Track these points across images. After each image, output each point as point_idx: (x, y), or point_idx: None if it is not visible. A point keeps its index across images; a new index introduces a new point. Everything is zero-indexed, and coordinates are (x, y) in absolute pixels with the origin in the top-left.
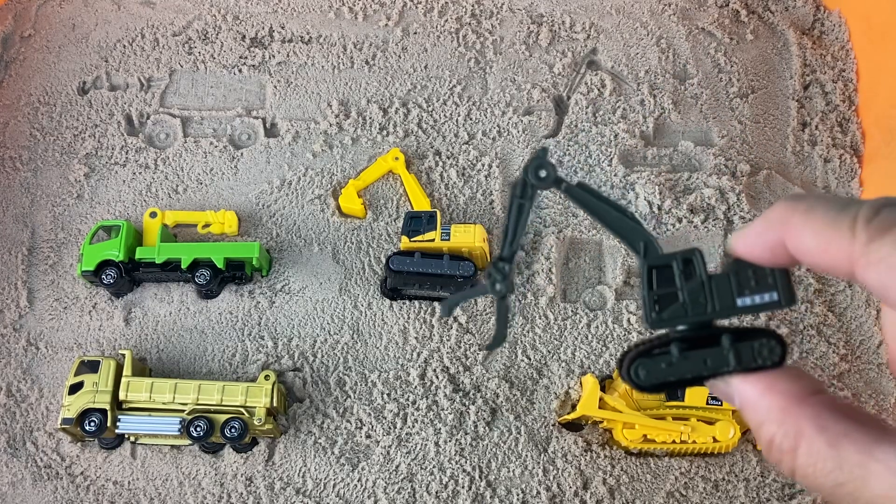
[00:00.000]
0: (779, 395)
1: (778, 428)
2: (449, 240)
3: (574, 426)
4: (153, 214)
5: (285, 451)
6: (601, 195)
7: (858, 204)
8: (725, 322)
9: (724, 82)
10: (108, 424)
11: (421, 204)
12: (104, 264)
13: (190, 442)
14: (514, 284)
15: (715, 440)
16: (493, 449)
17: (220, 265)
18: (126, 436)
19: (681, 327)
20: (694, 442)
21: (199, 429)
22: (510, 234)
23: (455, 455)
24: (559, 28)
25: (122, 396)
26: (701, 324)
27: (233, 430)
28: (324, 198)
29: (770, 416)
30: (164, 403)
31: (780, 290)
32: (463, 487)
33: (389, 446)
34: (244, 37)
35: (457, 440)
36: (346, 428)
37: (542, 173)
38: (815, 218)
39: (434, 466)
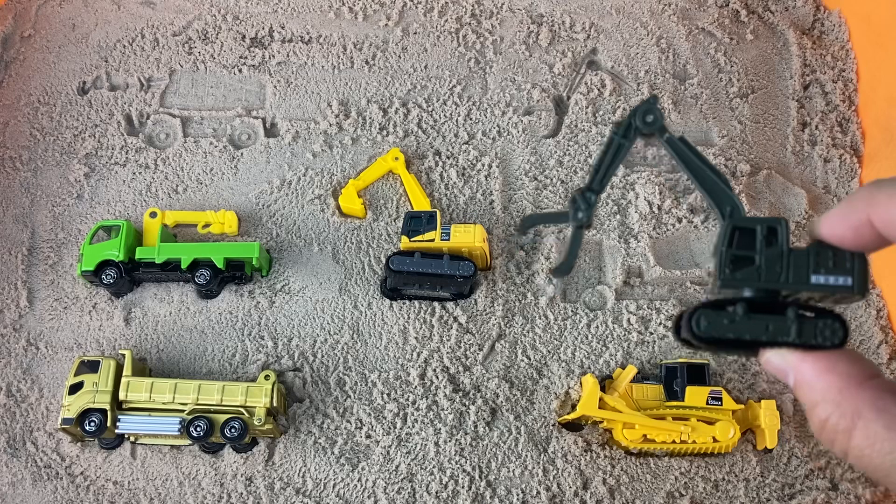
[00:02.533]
0: (837, 376)
1: (835, 409)
2: (449, 240)
3: (574, 426)
4: (153, 214)
5: (285, 451)
6: (699, 153)
7: None
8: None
9: (724, 82)
10: (108, 424)
11: (421, 204)
12: (104, 264)
13: (190, 442)
14: (593, 219)
15: (715, 440)
16: (493, 449)
17: (220, 265)
18: (126, 436)
19: (748, 292)
20: (694, 442)
21: (199, 429)
22: (603, 170)
23: (455, 455)
24: (559, 28)
25: (122, 396)
26: (770, 291)
27: (233, 430)
28: (324, 198)
29: (827, 397)
30: (164, 403)
31: (854, 276)
32: (463, 487)
33: (389, 446)
34: (244, 37)
35: (457, 440)
36: (346, 428)
37: (650, 118)
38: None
39: (434, 466)
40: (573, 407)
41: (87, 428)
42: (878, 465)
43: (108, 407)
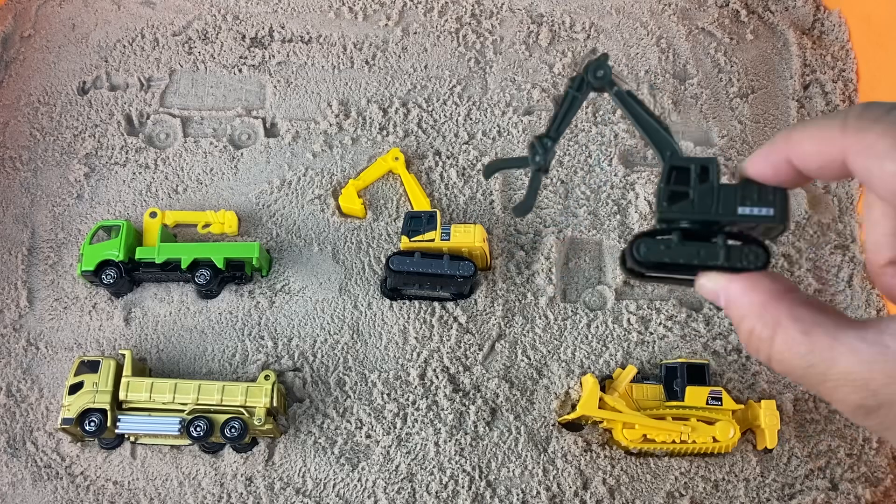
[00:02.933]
0: (760, 293)
1: (758, 320)
2: (449, 240)
3: (574, 426)
4: (153, 214)
5: (285, 451)
6: (645, 105)
7: (848, 108)
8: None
9: (724, 82)
10: (108, 424)
11: (421, 204)
12: (104, 264)
13: (190, 442)
14: (550, 164)
15: (715, 440)
16: (493, 449)
17: (220, 265)
18: (126, 436)
19: (685, 223)
20: (694, 442)
21: (199, 429)
22: (558, 119)
23: (455, 455)
24: (559, 28)
25: (122, 396)
26: (703, 222)
27: (233, 430)
28: (324, 198)
29: (751, 311)
30: (164, 403)
31: (776, 207)
32: (463, 487)
33: (389, 446)
34: (244, 37)
35: (457, 440)
36: (345, 428)
37: (600, 73)
38: (812, 126)
39: (434, 466)
40: (573, 407)
41: (87, 428)
42: (796, 366)
43: (108, 407)
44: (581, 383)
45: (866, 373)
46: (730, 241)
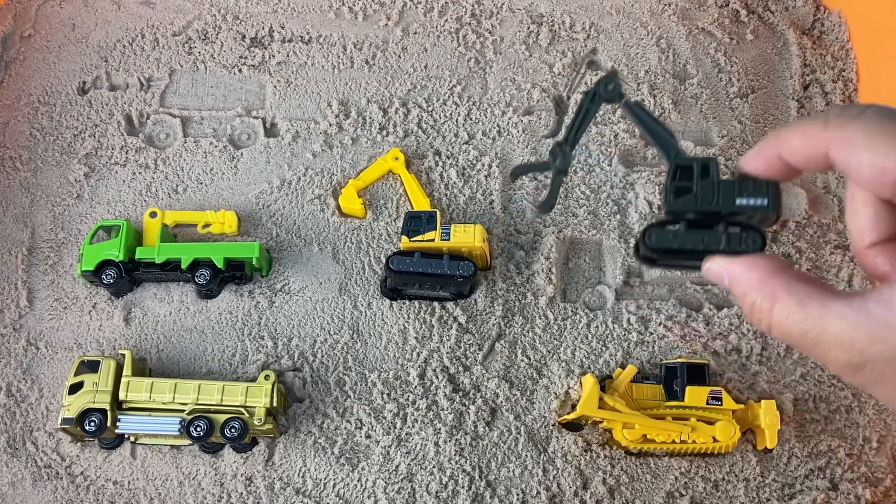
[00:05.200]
0: (758, 271)
1: (758, 294)
2: (449, 240)
3: (574, 426)
4: (153, 214)
5: (285, 451)
6: (651, 113)
7: (829, 108)
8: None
9: (724, 82)
10: (108, 424)
11: (421, 204)
12: (104, 264)
13: (190, 442)
14: (569, 167)
15: (715, 440)
16: (493, 449)
17: (220, 265)
18: (126, 436)
19: (690, 214)
20: (694, 442)
21: (199, 429)
22: (575, 129)
23: (455, 455)
24: (559, 28)
25: (122, 396)
26: (706, 213)
27: (233, 430)
28: (324, 198)
29: (751, 287)
30: (164, 403)
31: (770, 198)
32: (462, 487)
33: (389, 446)
34: (244, 37)
35: (456, 440)
36: (345, 428)
37: (611, 87)
38: (798, 124)
39: (434, 466)
40: (573, 407)
41: (87, 428)
42: (793, 333)
43: (108, 407)
44: (581, 383)
45: (853, 334)
46: (730, 229)
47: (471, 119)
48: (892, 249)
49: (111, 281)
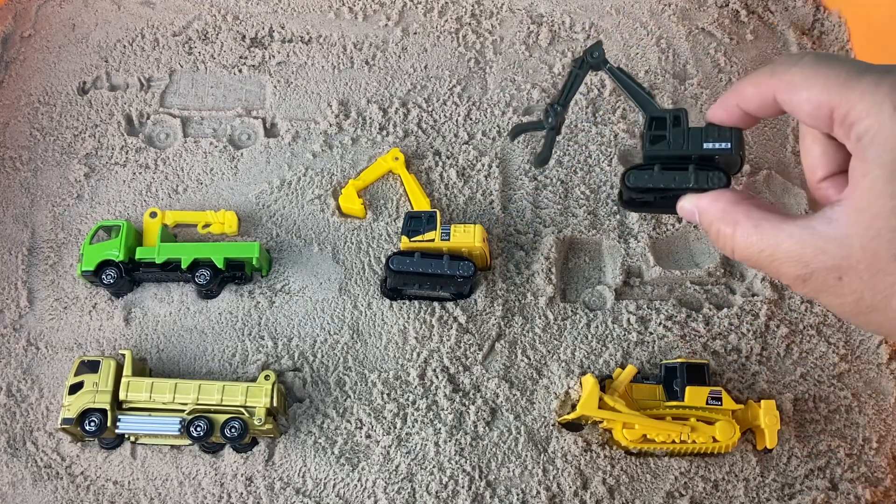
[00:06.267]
0: (723, 202)
1: (721, 222)
2: (449, 240)
3: (574, 426)
4: (153, 214)
5: (285, 451)
6: (631, 76)
7: (776, 58)
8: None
9: (724, 82)
10: (108, 424)
11: (421, 204)
12: (104, 264)
13: (190, 442)
14: (561, 125)
15: (715, 440)
16: (493, 449)
17: (220, 265)
18: (126, 436)
19: (664, 159)
20: (694, 442)
21: (199, 429)
22: (565, 92)
23: (455, 455)
24: (559, 28)
25: (122, 396)
26: (677, 157)
27: (233, 430)
28: (324, 198)
29: (716, 216)
30: (164, 403)
31: (732, 141)
32: (463, 487)
33: (389, 446)
34: (244, 37)
35: (456, 440)
36: (345, 428)
37: (596, 54)
38: (751, 75)
39: (434, 466)
40: (573, 407)
41: (87, 428)
42: (752, 253)
43: (108, 407)
44: (581, 383)
45: (800, 249)
46: (701, 165)
47: (471, 119)
48: (840, 181)
49: (111, 281)
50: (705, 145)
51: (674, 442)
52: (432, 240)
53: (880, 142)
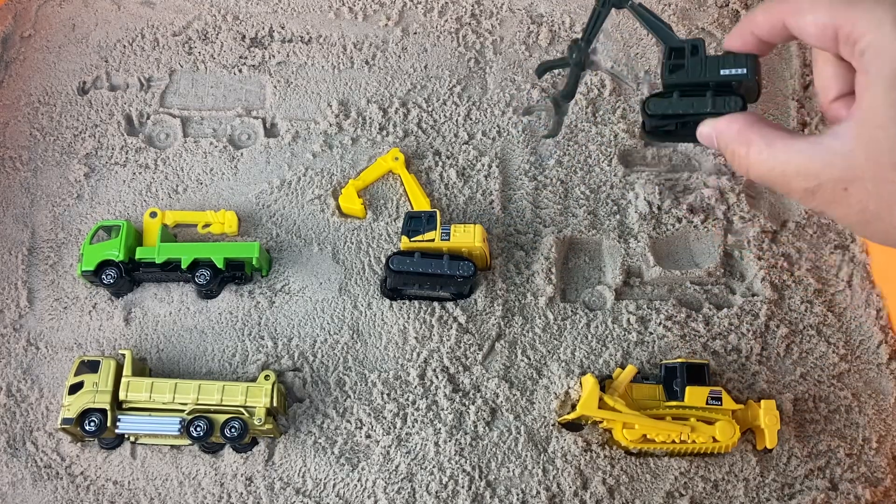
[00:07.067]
0: (738, 125)
1: (736, 143)
2: (449, 240)
3: (574, 426)
4: (153, 214)
5: (285, 451)
6: (654, 13)
7: None
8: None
9: None
10: (108, 424)
11: (421, 204)
12: (104, 264)
13: (190, 442)
14: (585, 61)
15: (715, 440)
16: (493, 449)
17: (220, 265)
18: (126, 436)
19: (683, 85)
20: (694, 442)
21: (199, 429)
22: (589, 29)
23: (455, 455)
24: (559, 28)
25: (122, 396)
26: (695, 84)
27: (233, 430)
28: (324, 198)
29: (731, 137)
30: (164, 403)
31: (748, 67)
32: (462, 487)
33: (389, 446)
34: (244, 37)
35: (456, 440)
36: (345, 428)
37: None
38: (763, 4)
39: (434, 466)
40: (573, 407)
41: (87, 428)
42: (765, 171)
43: (108, 407)
44: (581, 383)
45: (809, 164)
46: (718, 92)
47: (470, 119)
48: (851, 101)
49: (111, 281)
50: (722, 72)
51: (674, 442)
52: (432, 240)
53: (881, 55)
